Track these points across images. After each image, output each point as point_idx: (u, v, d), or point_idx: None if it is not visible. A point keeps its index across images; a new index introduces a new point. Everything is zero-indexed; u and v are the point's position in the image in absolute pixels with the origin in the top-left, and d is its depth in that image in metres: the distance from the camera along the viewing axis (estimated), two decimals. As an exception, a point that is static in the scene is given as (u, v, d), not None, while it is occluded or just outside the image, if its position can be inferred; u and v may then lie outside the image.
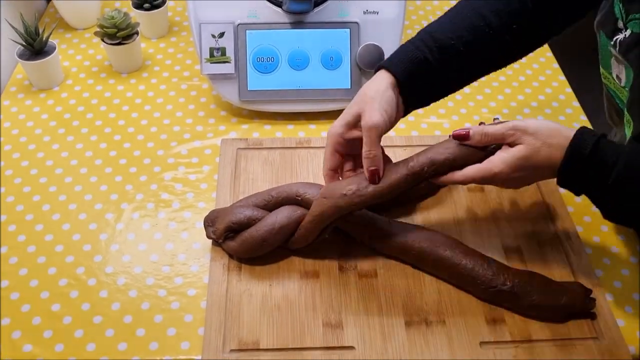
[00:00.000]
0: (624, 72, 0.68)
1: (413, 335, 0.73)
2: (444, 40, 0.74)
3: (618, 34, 0.67)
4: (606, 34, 0.70)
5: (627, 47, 0.65)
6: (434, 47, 0.74)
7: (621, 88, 0.69)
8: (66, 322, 0.75)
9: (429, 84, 0.76)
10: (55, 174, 0.92)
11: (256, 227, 0.78)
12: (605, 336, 0.74)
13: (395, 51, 0.76)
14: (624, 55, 0.66)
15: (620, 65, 0.68)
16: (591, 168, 0.64)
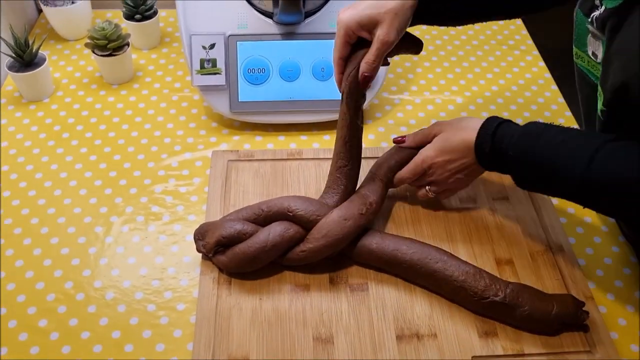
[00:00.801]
0: (600, 48, 0.71)
1: (404, 349, 0.72)
2: None
3: (594, 10, 0.71)
4: (583, 11, 0.74)
5: (602, 21, 0.70)
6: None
7: (597, 64, 0.73)
8: (53, 338, 0.74)
9: (443, 6, 0.78)
10: (45, 187, 0.92)
11: (248, 244, 0.77)
12: (598, 349, 0.73)
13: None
14: (601, 30, 0.70)
15: (597, 42, 0.72)
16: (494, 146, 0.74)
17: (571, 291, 0.78)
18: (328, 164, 0.93)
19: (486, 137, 0.75)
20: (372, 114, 1.05)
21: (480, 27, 1.26)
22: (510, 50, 1.20)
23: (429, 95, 1.10)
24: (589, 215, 0.90)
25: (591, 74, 0.76)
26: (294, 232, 0.78)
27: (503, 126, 0.74)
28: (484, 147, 0.75)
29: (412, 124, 1.04)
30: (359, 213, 0.79)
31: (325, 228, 0.78)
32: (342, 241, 0.78)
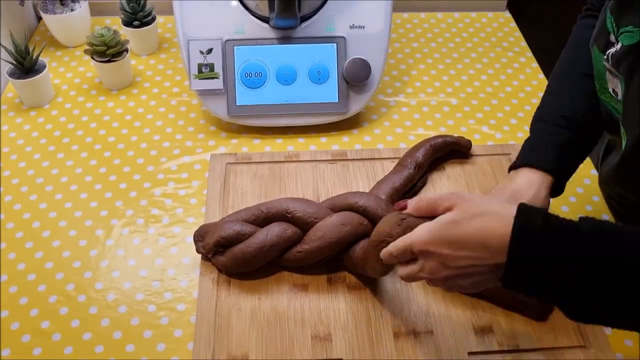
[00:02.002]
0: (619, 86, 0.67)
1: (401, 346, 0.74)
2: (572, 114, 0.76)
3: (610, 47, 0.68)
4: (599, 48, 0.70)
5: (618, 59, 0.66)
6: (566, 124, 0.75)
7: (618, 102, 0.68)
8: (55, 339, 0.75)
9: (576, 159, 0.77)
10: (46, 192, 0.93)
11: (246, 244, 0.79)
12: (592, 344, 0.74)
13: (528, 145, 0.78)
14: (616, 68, 0.67)
15: (615, 79, 0.68)
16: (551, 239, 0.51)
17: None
18: (325, 166, 0.95)
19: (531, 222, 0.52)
20: (368, 116, 1.07)
21: (473, 30, 1.28)
22: (504, 51, 1.22)
23: (424, 97, 1.11)
24: (583, 212, 0.91)
25: (615, 110, 0.71)
26: (292, 233, 0.80)
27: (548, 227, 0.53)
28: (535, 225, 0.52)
29: (407, 125, 1.05)
30: (358, 222, 0.80)
31: (322, 230, 0.79)
32: (337, 245, 0.79)
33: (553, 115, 0.78)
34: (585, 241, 0.51)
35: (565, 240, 0.51)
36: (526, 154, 0.77)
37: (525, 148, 0.78)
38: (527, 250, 0.51)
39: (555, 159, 0.75)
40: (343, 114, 1.02)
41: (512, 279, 0.53)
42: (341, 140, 1.02)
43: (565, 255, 0.51)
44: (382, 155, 0.97)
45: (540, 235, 0.51)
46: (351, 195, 0.83)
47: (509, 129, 1.05)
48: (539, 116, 0.80)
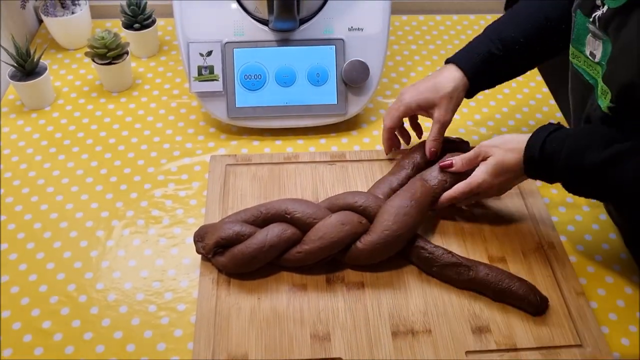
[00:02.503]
0: (600, 48, 0.73)
1: (399, 345, 0.74)
2: (507, 35, 0.87)
3: (596, 10, 0.73)
4: (584, 12, 0.76)
5: (605, 21, 0.71)
6: (498, 43, 0.87)
7: (594, 64, 0.75)
8: (57, 339, 0.76)
9: (492, 76, 0.91)
10: (47, 193, 0.93)
11: (246, 244, 0.79)
12: (589, 343, 0.75)
13: (464, 47, 0.90)
14: (603, 30, 0.71)
15: (597, 41, 0.74)
16: (543, 164, 0.75)
17: (562, 287, 0.80)
18: (324, 167, 0.95)
19: (535, 148, 0.75)
20: (367, 118, 1.07)
21: (472, 32, 1.28)
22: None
23: (423, 98, 1.11)
24: (579, 213, 0.92)
25: (586, 73, 0.78)
26: (291, 234, 0.80)
27: (552, 136, 0.75)
28: (534, 156, 0.75)
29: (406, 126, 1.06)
30: (358, 221, 0.80)
31: (321, 230, 0.80)
32: (337, 244, 0.79)
33: (494, 32, 0.89)
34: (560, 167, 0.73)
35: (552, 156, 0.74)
36: (459, 54, 0.90)
37: (462, 49, 0.90)
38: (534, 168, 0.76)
39: (476, 66, 0.87)
40: (342, 116, 1.03)
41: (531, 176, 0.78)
42: (340, 142, 1.03)
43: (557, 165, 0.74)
44: (381, 156, 0.98)
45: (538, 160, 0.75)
46: (350, 195, 0.84)
47: (506, 131, 1.06)
48: (487, 28, 0.91)
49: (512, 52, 0.87)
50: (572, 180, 0.74)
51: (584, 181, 0.73)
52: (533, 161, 0.75)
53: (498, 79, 0.92)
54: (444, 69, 0.89)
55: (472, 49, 0.89)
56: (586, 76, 0.79)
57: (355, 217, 0.81)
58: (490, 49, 0.87)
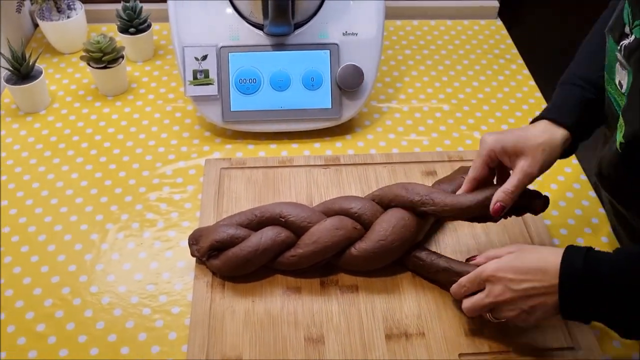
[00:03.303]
0: (625, 78, 0.67)
1: (393, 348, 0.74)
2: (593, 76, 0.75)
3: (624, 39, 0.67)
4: (614, 39, 0.70)
5: (630, 51, 0.66)
6: (588, 85, 0.76)
7: (621, 95, 0.69)
8: (51, 342, 0.76)
9: (590, 123, 0.77)
10: (42, 196, 0.94)
11: (240, 247, 0.80)
12: (581, 346, 0.75)
13: (550, 104, 0.78)
14: (627, 60, 0.66)
15: (623, 71, 0.68)
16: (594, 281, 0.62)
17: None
18: (318, 171, 0.96)
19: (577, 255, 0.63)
20: (361, 122, 1.08)
21: (466, 37, 1.30)
22: (496, 58, 1.24)
23: (417, 103, 1.12)
24: (572, 217, 0.93)
25: (616, 102, 0.71)
26: (285, 237, 0.81)
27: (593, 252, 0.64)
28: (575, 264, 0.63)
29: (400, 131, 1.06)
30: (352, 227, 0.81)
31: (316, 234, 0.80)
32: (331, 249, 0.80)
33: (572, 77, 0.78)
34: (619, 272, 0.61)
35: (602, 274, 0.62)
36: (548, 110, 0.77)
37: (549, 105, 0.78)
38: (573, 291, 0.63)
39: (576, 116, 0.74)
40: (336, 120, 1.03)
41: (567, 311, 0.65)
42: (334, 146, 1.03)
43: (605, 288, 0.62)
44: (375, 160, 0.98)
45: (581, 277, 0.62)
46: (346, 200, 0.84)
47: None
48: (561, 80, 0.80)
49: (598, 88, 0.75)
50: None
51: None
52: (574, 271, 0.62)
53: (597, 124, 0.78)
54: (537, 125, 0.75)
55: (564, 100, 0.77)
56: (615, 105, 0.71)
57: (350, 223, 0.81)
58: (585, 95, 0.75)
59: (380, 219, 0.81)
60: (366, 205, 0.83)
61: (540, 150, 0.72)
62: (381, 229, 0.80)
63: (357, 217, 0.82)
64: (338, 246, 0.80)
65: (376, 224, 0.81)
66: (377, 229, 0.80)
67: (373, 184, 0.94)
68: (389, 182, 0.94)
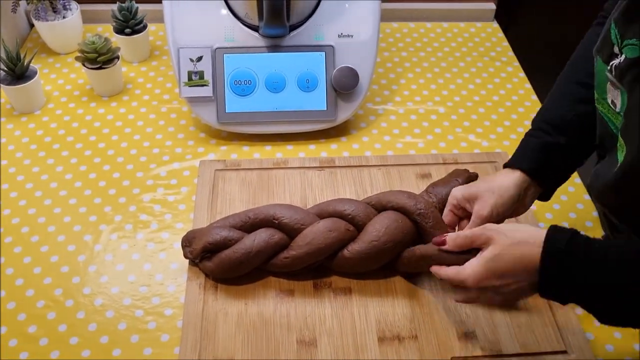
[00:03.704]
0: (619, 98, 0.67)
1: (385, 351, 0.74)
2: (556, 119, 0.78)
3: (614, 59, 0.67)
4: (603, 59, 0.70)
5: (621, 71, 0.66)
6: (550, 129, 0.78)
7: (616, 114, 0.69)
8: (43, 344, 0.75)
9: (556, 165, 0.79)
10: (35, 197, 0.93)
11: (233, 249, 0.79)
12: (574, 349, 0.75)
13: (516, 148, 0.81)
14: (619, 80, 0.66)
15: (616, 91, 0.68)
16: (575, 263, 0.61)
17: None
18: (313, 173, 0.96)
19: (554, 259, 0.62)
20: (357, 124, 1.08)
21: (462, 39, 1.30)
22: (492, 61, 1.24)
23: (412, 105, 1.12)
24: (566, 220, 0.92)
25: (611, 122, 0.71)
26: (279, 239, 0.81)
27: (574, 243, 0.62)
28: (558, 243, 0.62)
29: (395, 133, 1.06)
30: (345, 229, 0.81)
31: (309, 236, 0.80)
32: (324, 251, 0.80)
33: (538, 121, 0.81)
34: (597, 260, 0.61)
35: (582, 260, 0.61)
36: (512, 157, 0.80)
37: (514, 153, 0.81)
38: (554, 273, 0.62)
39: (534, 161, 0.77)
40: (331, 122, 1.03)
41: (545, 293, 0.64)
42: (329, 148, 1.03)
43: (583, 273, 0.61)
44: (370, 162, 0.98)
45: (563, 260, 0.62)
46: (339, 203, 0.84)
47: (495, 137, 1.06)
48: (532, 121, 0.82)
49: (567, 132, 0.77)
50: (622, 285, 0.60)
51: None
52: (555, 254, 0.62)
53: (568, 165, 0.80)
54: (500, 173, 0.80)
55: (523, 145, 0.80)
56: (610, 125, 0.71)
57: (343, 224, 0.81)
58: (546, 139, 0.78)
59: (374, 220, 0.81)
60: (360, 207, 0.83)
61: (490, 193, 0.76)
62: (374, 230, 0.80)
63: (350, 219, 0.82)
64: (331, 248, 0.80)
65: (369, 225, 0.81)
66: (370, 230, 0.80)
67: (368, 186, 0.94)
68: (384, 184, 0.94)
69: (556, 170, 0.79)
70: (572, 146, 0.78)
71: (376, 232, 0.80)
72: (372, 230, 0.80)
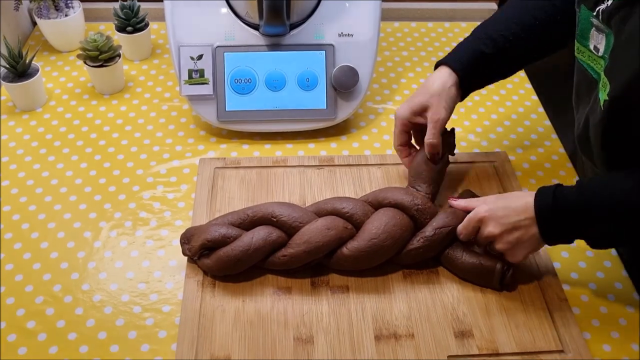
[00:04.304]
0: (603, 41, 0.74)
1: (382, 349, 0.75)
2: (496, 33, 0.87)
3: (600, 4, 0.73)
4: (588, 6, 0.76)
5: (609, 14, 0.71)
6: (488, 41, 0.87)
7: (598, 58, 0.75)
8: (41, 339, 0.76)
9: (483, 74, 0.90)
10: (36, 194, 0.94)
11: (232, 247, 0.80)
12: (571, 349, 0.75)
13: (453, 49, 0.90)
14: (606, 23, 0.72)
15: (600, 35, 0.74)
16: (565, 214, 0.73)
17: (546, 293, 0.81)
18: (312, 172, 0.96)
19: (546, 194, 0.75)
20: (357, 123, 1.08)
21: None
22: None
23: (412, 104, 1.12)
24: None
25: (591, 68, 0.78)
26: (277, 237, 0.81)
27: (561, 187, 0.75)
28: (546, 201, 0.74)
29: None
30: (343, 227, 0.81)
31: (307, 234, 0.80)
32: (322, 249, 0.80)
33: (482, 31, 0.89)
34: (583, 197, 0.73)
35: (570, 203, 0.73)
36: (448, 55, 0.90)
37: (451, 51, 0.90)
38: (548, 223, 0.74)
39: (465, 64, 0.87)
40: (331, 121, 1.03)
41: (548, 239, 0.76)
42: (329, 147, 1.04)
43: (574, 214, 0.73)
44: (369, 161, 0.98)
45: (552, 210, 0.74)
46: (338, 201, 0.84)
47: (494, 137, 1.06)
48: (475, 28, 0.91)
49: (501, 50, 0.87)
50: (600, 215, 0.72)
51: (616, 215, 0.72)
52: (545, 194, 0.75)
53: (489, 77, 0.92)
54: (434, 72, 0.89)
55: (461, 48, 0.89)
56: (590, 71, 0.78)
57: (341, 223, 0.81)
58: (479, 47, 0.87)
59: (372, 218, 0.82)
60: (357, 205, 0.83)
61: (437, 97, 0.86)
62: (373, 227, 0.80)
63: (348, 217, 0.82)
64: (329, 246, 0.80)
65: (367, 223, 0.81)
66: (369, 228, 0.80)
67: (367, 185, 0.94)
68: (383, 183, 0.95)
69: (478, 78, 0.90)
70: (498, 60, 0.88)
71: (375, 229, 0.80)
72: (371, 227, 0.80)
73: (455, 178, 0.96)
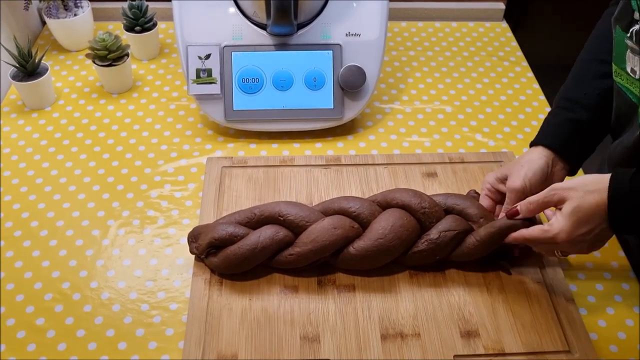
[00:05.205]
0: (639, 64, 0.71)
1: (388, 348, 0.75)
2: (577, 96, 0.83)
3: (634, 25, 0.71)
4: (622, 27, 0.73)
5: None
6: (572, 105, 0.83)
7: (636, 81, 0.72)
8: (50, 336, 0.77)
9: (582, 141, 0.84)
10: (45, 192, 0.95)
11: (239, 245, 0.80)
12: (577, 349, 0.75)
13: (540, 129, 0.86)
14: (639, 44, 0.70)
15: (636, 57, 0.71)
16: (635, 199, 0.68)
17: (552, 293, 0.81)
18: (319, 171, 0.96)
19: (623, 180, 0.69)
20: (364, 123, 1.08)
21: (470, 39, 1.29)
22: (500, 61, 1.23)
23: (419, 104, 1.13)
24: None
25: (629, 91, 0.74)
26: (284, 236, 0.81)
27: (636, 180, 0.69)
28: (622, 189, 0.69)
29: (402, 132, 1.07)
30: (350, 226, 0.81)
31: (314, 233, 0.80)
32: (329, 248, 0.80)
33: (560, 98, 0.86)
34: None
35: None
36: (538, 135, 0.85)
37: (539, 131, 0.86)
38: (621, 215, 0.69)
39: (560, 138, 0.82)
40: (338, 120, 1.04)
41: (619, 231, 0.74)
42: (336, 146, 1.04)
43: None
44: (376, 161, 0.98)
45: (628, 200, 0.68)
46: (345, 200, 0.84)
47: (502, 137, 1.06)
48: (555, 102, 0.87)
49: (589, 108, 0.82)
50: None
51: None
52: (620, 197, 0.68)
53: (591, 140, 0.85)
54: (527, 152, 0.85)
55: (549, 125, 0.85)
56: (629, 94, 0.74)
57: (348, 222, 0.82)
58: (568, 116, 0.83)
59: (379, 218, 0.82)
60: (364, 205, 0.83)
61: (519, 167, 0.82)
62: (380, 227, 0.80)
63: (355, 216, 0.82)
64: (336, 245, 0.80)
65: (375, 222, 0.81)
66: (376, 228, 0.81)
67: (373, 185, 0.95)
68: (390, 183, 0.95)
69: (580, 146, 0.84)
70: (595, 121, 0.83)
71: (382, 229, 0.80)
72: (377, 227, 0.80)
73: (462, 178, 0.96)
